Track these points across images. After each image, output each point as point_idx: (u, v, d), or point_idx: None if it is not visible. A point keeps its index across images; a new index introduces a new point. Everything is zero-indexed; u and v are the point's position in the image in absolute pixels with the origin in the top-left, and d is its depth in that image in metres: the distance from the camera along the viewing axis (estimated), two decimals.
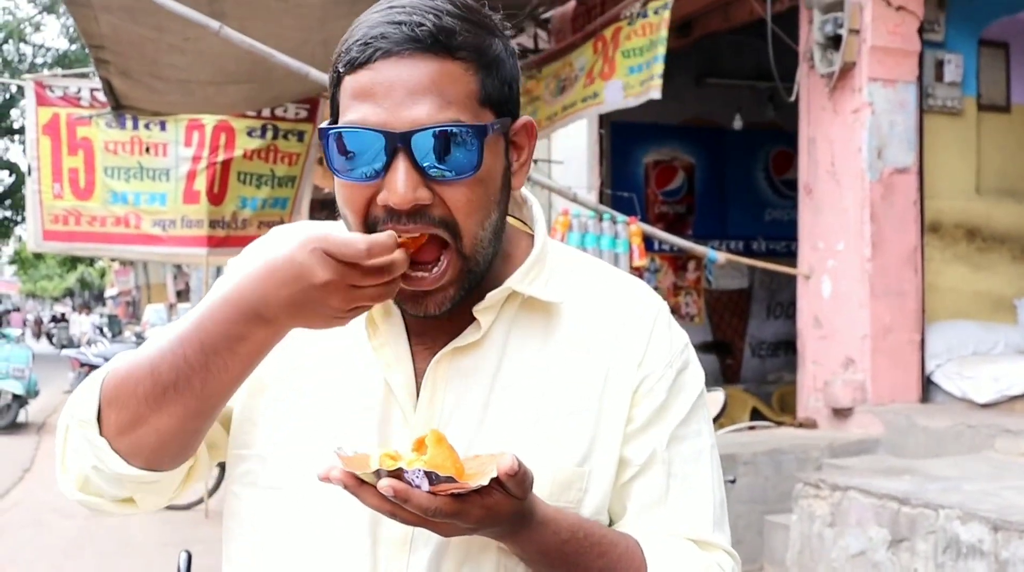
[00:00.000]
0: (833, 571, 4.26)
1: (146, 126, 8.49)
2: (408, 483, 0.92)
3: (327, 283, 0.96)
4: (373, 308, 1.13)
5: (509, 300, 1.14)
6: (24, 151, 11.32)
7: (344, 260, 0.95)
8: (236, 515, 1.18)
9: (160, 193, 8.56)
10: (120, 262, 32.64)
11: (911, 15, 5.91)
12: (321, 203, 10.46)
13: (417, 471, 0.91)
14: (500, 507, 0.95)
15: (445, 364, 1.12)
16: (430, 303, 1.07)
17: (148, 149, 8.54)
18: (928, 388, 6.02)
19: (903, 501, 3.95)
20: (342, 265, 0.95)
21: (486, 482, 0.92)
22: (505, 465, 0.92)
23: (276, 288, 0.98)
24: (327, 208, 10.64)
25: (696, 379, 1.19)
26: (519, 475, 0.94)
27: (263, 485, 1.14)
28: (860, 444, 5.57)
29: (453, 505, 0.93)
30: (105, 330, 25.20)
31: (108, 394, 1.07)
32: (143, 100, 7.53)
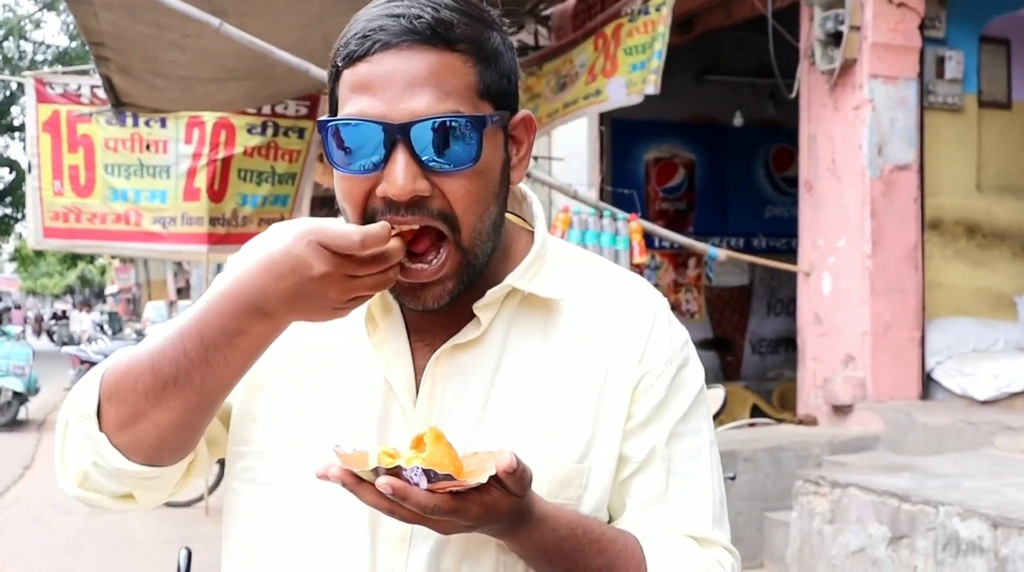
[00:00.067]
0: (833, 568, 4.26)
1: (146, 123, 8.49)
2: (406, 481, 0.91)
3: (324, 275, 0.96)
4: (373, 305, 1.13)
5: (509, 297, 1.14)
6: (24, 148, 11.32)
7: (340, 251, 0.95)
8: (236, 512, 1.18)
9: (160, 190, 8.55)
10: (120, 259, 32.64)
11: (912, 12, 5.90)
12: (322, 200, 10.45)
13: (415, 469, 0.91)
14: (499, 504, 0.95)
15: (444, 361, 1.12)
16: (428, 296, 1.07)
17: (148, 146, 8.54)
18: (928, 385, 6.02)
19: (903, 498, 3.95)
20: (338, 257, 0.95)
21: (484, 480, 0.92)
22: (504, 462, 0.92)
23: (274, 281, 0.98)
24: (328, 205, 10.63)
25: (696, 376, 1.19)
26: (518, 472, 0.94)
27: (263, 482, 1.14)
28: (860, 441, 5.57)
29: (451, 503, 0.92)
30: (105, 327, 25.20)
31: (108, 389, 1.07)
32: (143, 97, 7.52)
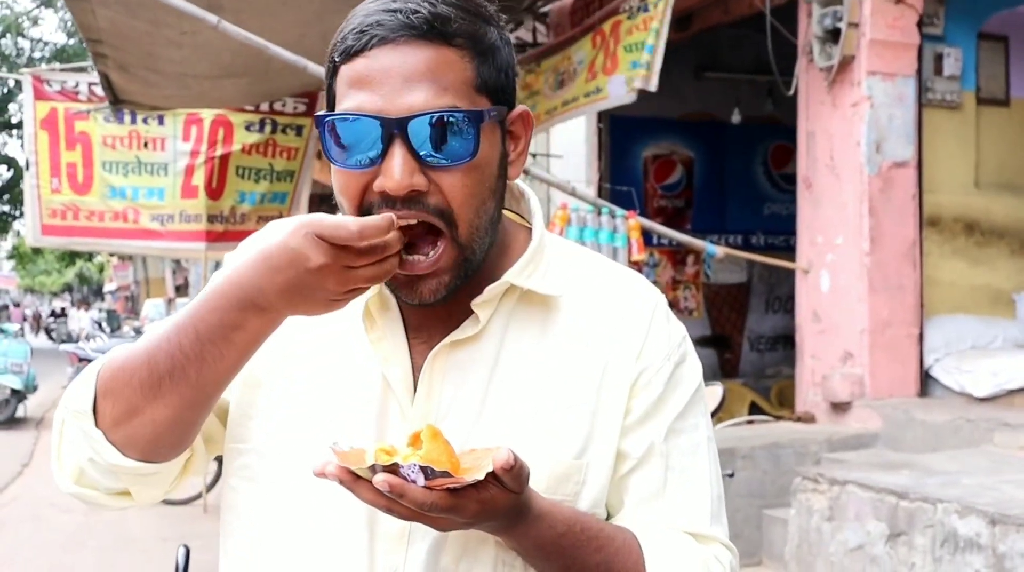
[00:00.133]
0: (831, 565, 4.26)
1: (144, 120, 8.49)
2: (404, 478, 0.91)
3: (321, 267, 0.95)
4: (371, 302, 1.13)
5: (507, 294, 1.14)
6: (22, 146, 11.31)
7: (337, 242, 0.95)
8: (233, 509, 1.18)
9: (158, 188, 8.55)
10: (119, 257, 32.66)
11: (910, 8, 5.90)
12: (320, 198, 10.44)
13: (413, 466, 0.91)
14: (496, 501, 0.95)
15: (443, 358, 1.11)
16: (424, 289, 1.06)
17: (146, 144, 8.54)
18: (926, 382, 6.03)
19: (901, 495, 3.96)
20: (335, 248, 0.95)
21: (482, 476, 0.92)
22: (501, 459, 0.92)
23: (271, 275, 0.97)
24: (327, 203, 10.59)
25: (694, 372, 1.19)
26: (515, 469, 0.93)
27: (260, 479, 1.14)
28: (858, 438, 5.58)
29: (449, 500, 0.92)
30: (104, 325, 25.16)
31: (104, 385, 1.07)
32: (141, 94, 7.51)
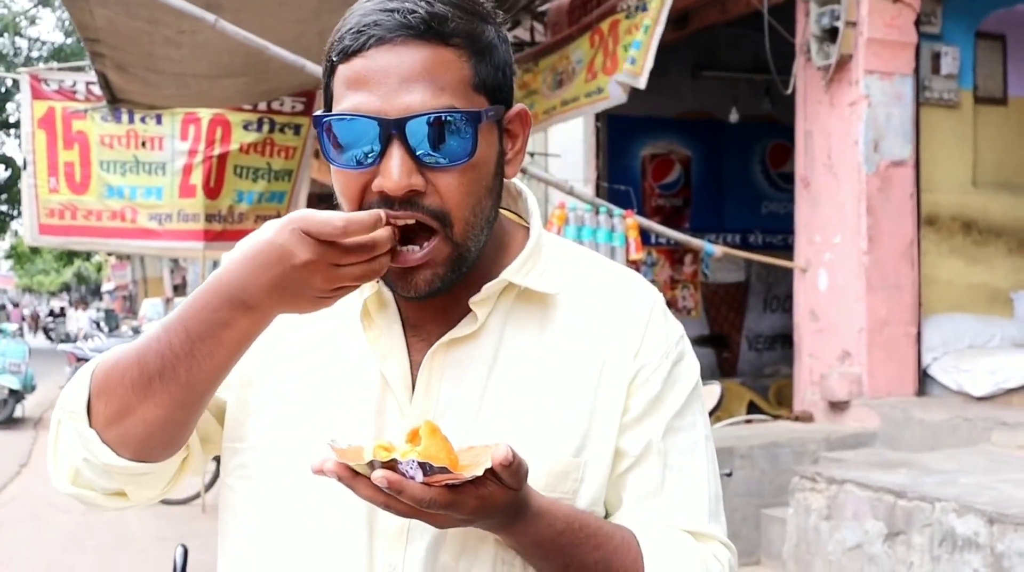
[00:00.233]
0: (829, 564, 4.26)
1: (142, 120, 8.48)
2: (402, 474, 0.91)
3: (307, 263, 0.95)
4: (368, 300, 1.13)
5: (505, 292, 1.14)
6: (20, 145, 11.31)
7: (323, 238, 0.94)
8: (231, 508, 1.18)
9: (156, 187, 8.55)
10: (117, 256, 32.63)
11: (908, 7, 5.90)
12: (319, 197, 10.44)
13: (411, 462, 0.91)
14: (494, 498, 0.95)
15: (441, 355, 1.11)
16: (419, 280, 1.06)
17: (144, 143, 8.54)
18: (924, 381, 6.03)
19: (899, 494, 3.96)
20: (322, 244, 0.94)
21: (480, 472, 0.92)
22: (499, 455, 0.92)
23: (259, 272, 0.97)
24: (325, 202, 10.59)
25: (691, 370, 1.19)
26: (513, 465, 0.93)
27: (258, 478, 1.14)
28: (856, 437, 5.58)
29: (447, 496, 0.92)
30: (102, 325, 25.13)
31: (97, 385, 1.07)
32: (139, 94, 7.51)
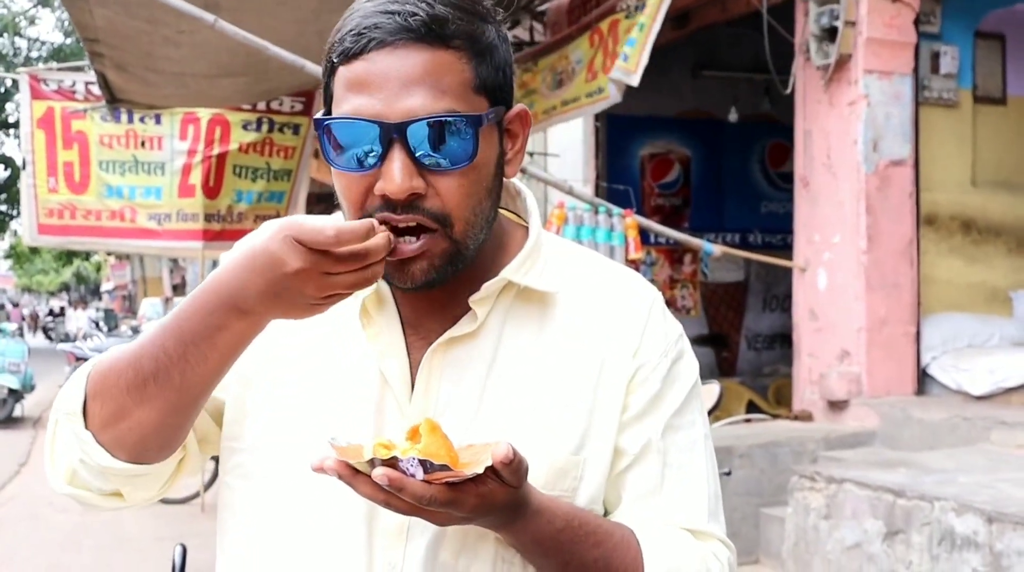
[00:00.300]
0: (828, 563, 4.27)
1: (141, 120, 8.48)
2: (402, 472, 0.91)
3: (299, 271, 0.94)
4: (367, 299, 1.13)
5: (504, 290, 1.14)
6: (19, 145, 11.30)
7: (314, 247, 0.94)
8: (230, 507, 1.18)
9: (155, 187, 8.54)
10: (116, 256, 32.62)
11: (907, 7, 5.90)
12: (318, 197, 10.44)
13: (411, 459, 0.91)
14: (495, 495, 0.95)
15: (441, 354, 1.12)
16: (415, 270, 1.06)
17: (143, 143, 8.53)
18: (923, 380, 6.03)
19: (898, 493, 3.96)
20: (314, 252, 0.94)
21: (481, 470, 0.92)
22: (500, 453, 0.92)
23: (251, 277, 0.97)
24: (325, 202, 10.61)
25: (690, 369, 1.20)
26: (514, 463, 0.94)
27: (257, 477, 1.14)
28: (856, 436, 5.58)
29: (448, 493, 0.93)
30: (101, 324, 25.13)
31: (93, 386, 1.07)
32: (138, 93, 7.50)
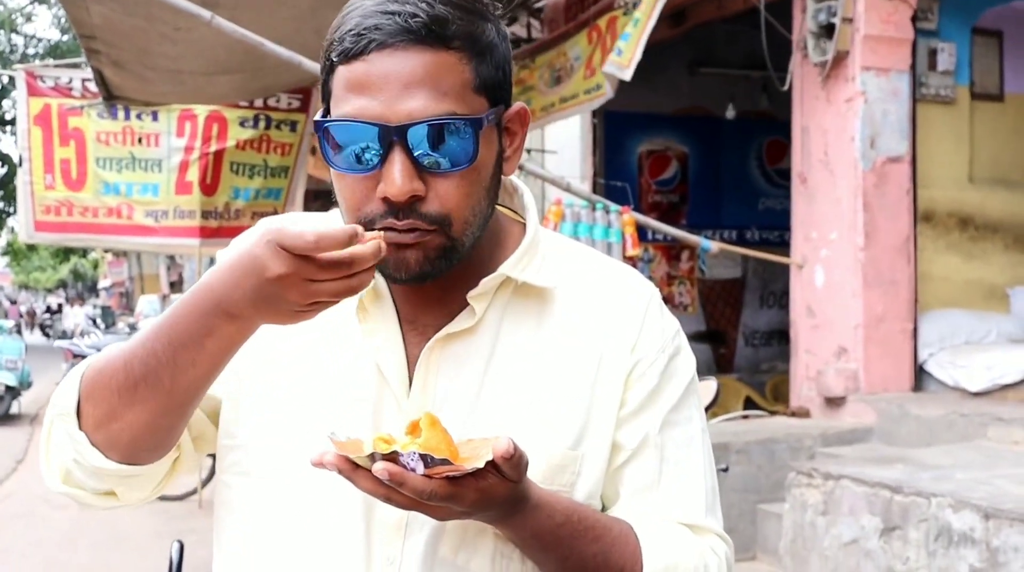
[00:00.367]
0: (825, 559, 4.27)
1: (138, 116, 8.47)
2: (403, 466, 0.91)
3: (280, 277, 0.93)
4: (364, 294, 1.13)
5: (502, 286, 1.15)
6: (16, 142, 11.28)
7: (295, 252, 0.92)
8: (227, 504, 1.18)
9: (152, 183, 8.54)
10: (113, 253, 32.58)
11: (904, 4, 5.90)
12: (315, 194, 10.43)
13: (412, 454, 0.91)
14: (495, 490, 0.95)
15: (438, 350, 1.12)
16: (410, 259, 1.05)
17: (140, 139, 8.52)
18: (921, 377, 6.04)
19: (895, 489, 3.96)
20: (296, 258, 0.92)
21: (481, 464, 0.92)
22: (501, 448, 0.92)
23: (237, 282, 0.96)
24: (322, 198, 10.61)
25: (688, 365, 1.20)
26: (514, 458, 0.94)
27: (254, 474, 1.14)
28: (853, 433, 5.59)
29: (448, 488, 0.93)
30: (98, 321, 25.14)
31: (86, 387, 1.07)
32: (135, 90, 7.49)
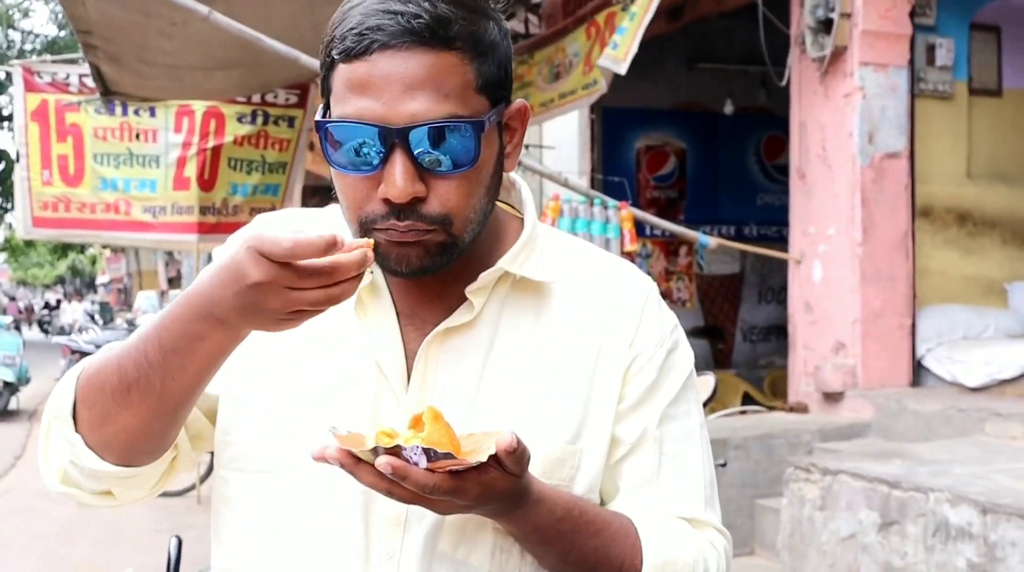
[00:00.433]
0: (823, 554, 4.28)
1: (135, 112, 8.45)
2: (406, 460, 0.91)
3: (258, 284, 0.91)
4: (362, 289, 1.12)
5: (500, 281, 1.15)
6: (13, 138, 11.27)
7: (273, 258, 0.90)
8: (226, 500, 1.18)
9: (150, 179, 8.53)
10: (111, 249, 32.55)
11: None
12: (313, 189, 10.42)
13: (415, 448, 0.91)
14: (497, 484, 0.96)
15: (437, 344, 1.12)
16: (411, 254, 1.05)
17: (138, 135, 8.51)
18: (919, 372, 6.04)
19: (893, 484, 3.97)
20: (275, 265, 0.90)
21: (484, 458, 0.92)
22: (504, 442, 0.93)
23: (222, 288, 0.95)
24: (320, 194, 10.61)
25: (686, 360, 1.20)
26: (517, 452, 0.94)
27: (252, 469, 1.14)
28: (851, 428, 5.59)
29: (451, 482, 0.93)
30: (96, 317, 25.15)
31: (82, 390, 1.07)
32: (132, 86, 7.48)
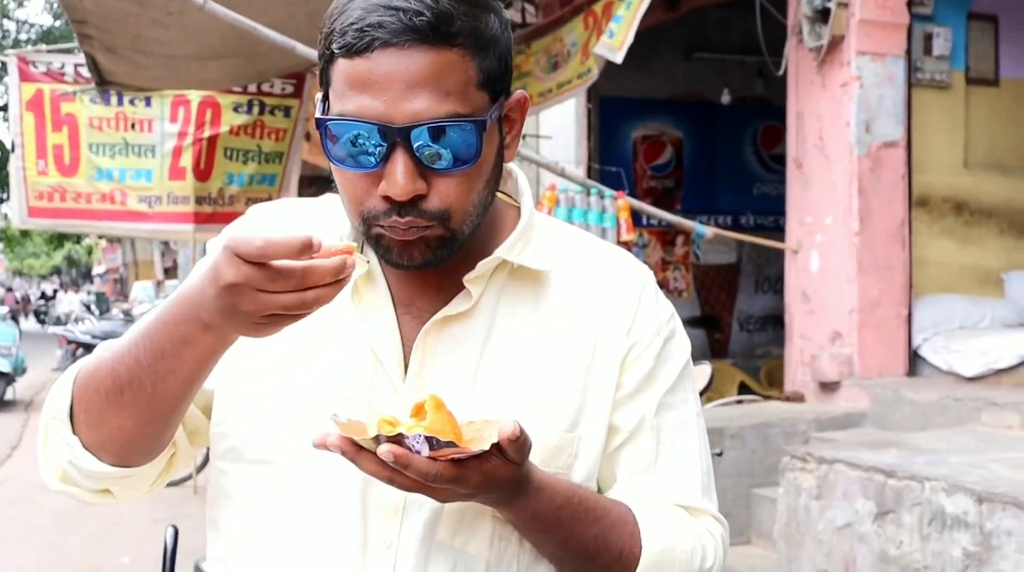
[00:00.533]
0: (819, 543, 4.29)
1: (131, 102, 8.44)
2: (408, 448, 0.91)
3: (231, 286, 0.89)
4: (358, 278, 1.12)
5: (498, 270, 1.15)
6: (8, 127, 11.24)
7: (245, 258, 0.88)
8: (223, 491, 1.18)
9: (146, 169, 8.52)
10: (108, 239, 32.50)
11: None
12: (310, 179, 10.40)
13: (418, 436, 0.91)
14: (498, 472, 0.96)
15: (435, 333, 1.12)
16: (414, 250, 1.05)
17: (133, 125, 8.50)
18: (915, 362, 6.05)
19: (889, 474, 3.97)
20: (247, 265, 0.88)
21: (487, 447, 0.92)
22: (507, 431, 0.93)
23: (204, 290, 0.93)
24: (316, 184, 10.58)
25: (682, 348, 1.21)
26: (520, 440, 0.94)
27: (250, 459, 1.14)
28: (847, 417, 5.60)
29: (453, 470, 0.93)
30: (93, 307, 25.09)
31: (78, 392, 1.07)
32: (127, 76, 7.45)
